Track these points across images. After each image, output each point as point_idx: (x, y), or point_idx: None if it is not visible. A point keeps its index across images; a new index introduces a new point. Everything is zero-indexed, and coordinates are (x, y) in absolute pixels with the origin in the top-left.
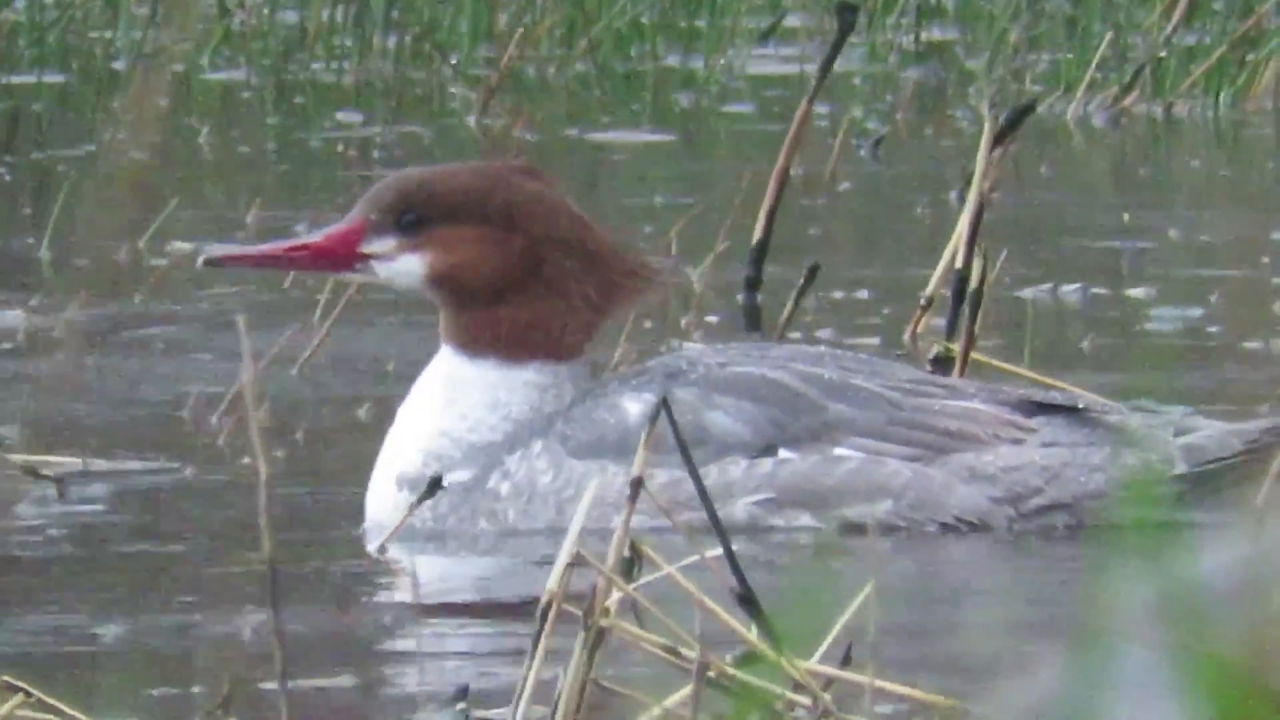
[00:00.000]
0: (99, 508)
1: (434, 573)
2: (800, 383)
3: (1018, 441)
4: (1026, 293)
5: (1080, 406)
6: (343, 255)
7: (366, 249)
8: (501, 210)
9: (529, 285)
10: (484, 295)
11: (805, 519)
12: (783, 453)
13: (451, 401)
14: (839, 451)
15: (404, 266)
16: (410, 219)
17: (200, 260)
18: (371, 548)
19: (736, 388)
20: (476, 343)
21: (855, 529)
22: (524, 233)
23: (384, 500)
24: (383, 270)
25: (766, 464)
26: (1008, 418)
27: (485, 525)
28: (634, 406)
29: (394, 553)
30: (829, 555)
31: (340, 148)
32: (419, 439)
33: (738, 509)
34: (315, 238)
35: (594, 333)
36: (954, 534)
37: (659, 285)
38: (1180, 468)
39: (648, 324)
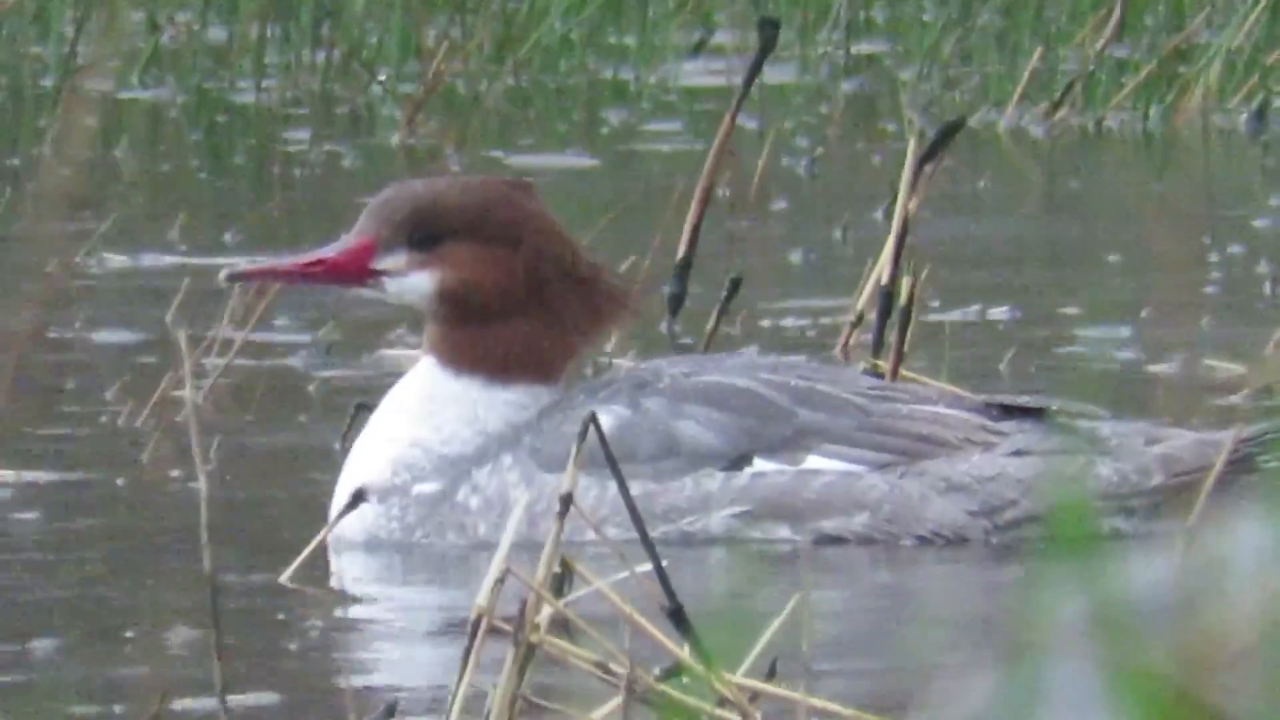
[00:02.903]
0: (29, 521)
1: (382, 585)
2: (768, 390)
3: (989, 445)
4: (954, 311)
5: (1042, 408)
6: (355, 271)
7: (378, 265)
8: (506, 227)
9: (528, 305)
10: (487, 313)
11: (782, 531)
12: (757, 461)
13: (429, 414)
14: (813, 459)
15: (414, 283)
16: (421, 235)
17: (223, 275)
18: (285, 576)
19: (706, 396)
20: (465, 359)
21: (832, 541)
22: (526, 251)
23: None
24: (393, 286)
25: (744, 476)
26: (977, 421)
27: (454, 538)
28: (604, 418)
29: (349, 564)
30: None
31: (265, 165)
32: (390, 447)
33: (715, 521)
34: (328, 252)
35: (576, 357)
36: (928, 546)
37: (635, 310)
38: (1157, 479)
39: None
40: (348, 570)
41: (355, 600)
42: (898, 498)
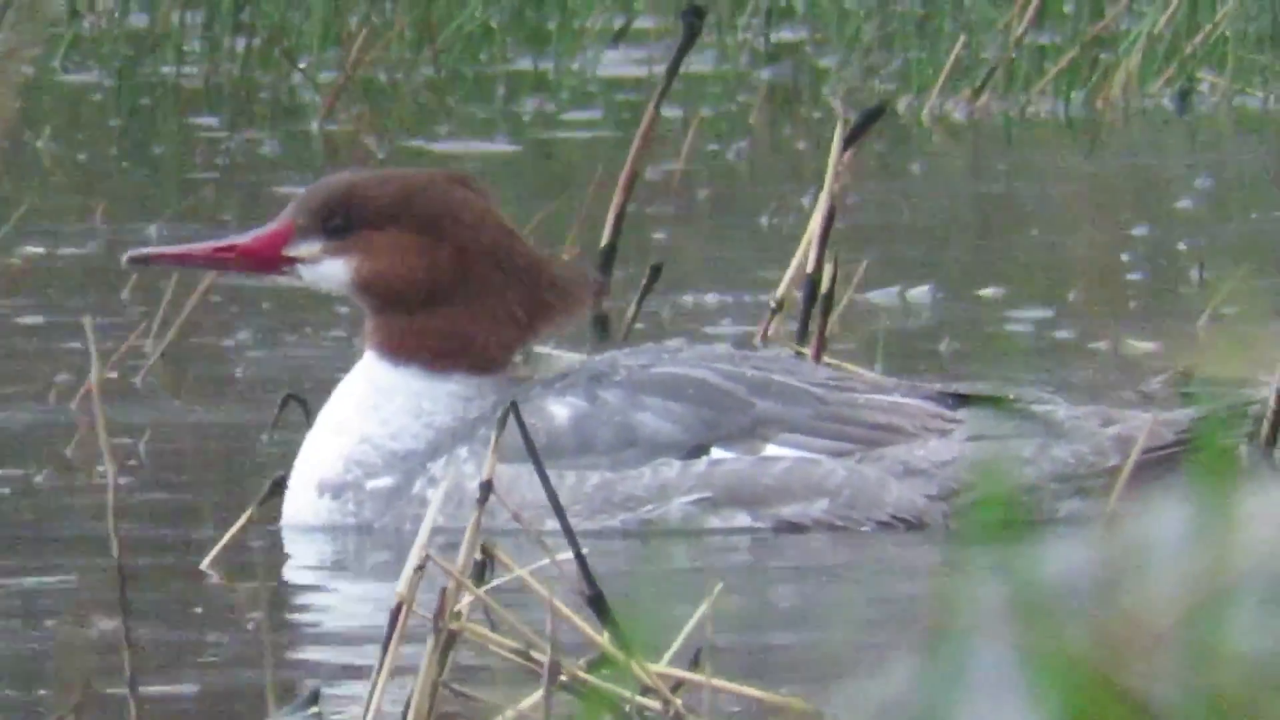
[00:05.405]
0: None
1: (311, 573)
2: (725, 381)
3: (945, 432)
4: (876, 295)
5: (997, 396)
6: (268, 257)
7: (292, 252)
8: (428, 218)
9: (455, 295)
10: (409, 302)
11: (742, 518)
12: (715, 451)
13: (375, 408)
14: (771, 448)
15: (329, 271)
16: (336, 223)
17: (125, 258)
18: (205, 563)
19: (663, 388)
20: (401, 350)
21: (792, 528)
22: (451, 241)
23: (303, 504)
24: (307, 274)
25: (702, 463)
26: (933, 410)
27: (412, 530)
28: (560, 410)
29: (283, 553)
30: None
31: (184, 154)
32: (341, 444)
33: (674, 509)
34: (242, 239)
35: (518, 347)
36: (887, 531)
37: (583, 300)
38: (1113, 460)
39: None
40: (276, 559)
41: (283, 588)
42: (857, 483)
